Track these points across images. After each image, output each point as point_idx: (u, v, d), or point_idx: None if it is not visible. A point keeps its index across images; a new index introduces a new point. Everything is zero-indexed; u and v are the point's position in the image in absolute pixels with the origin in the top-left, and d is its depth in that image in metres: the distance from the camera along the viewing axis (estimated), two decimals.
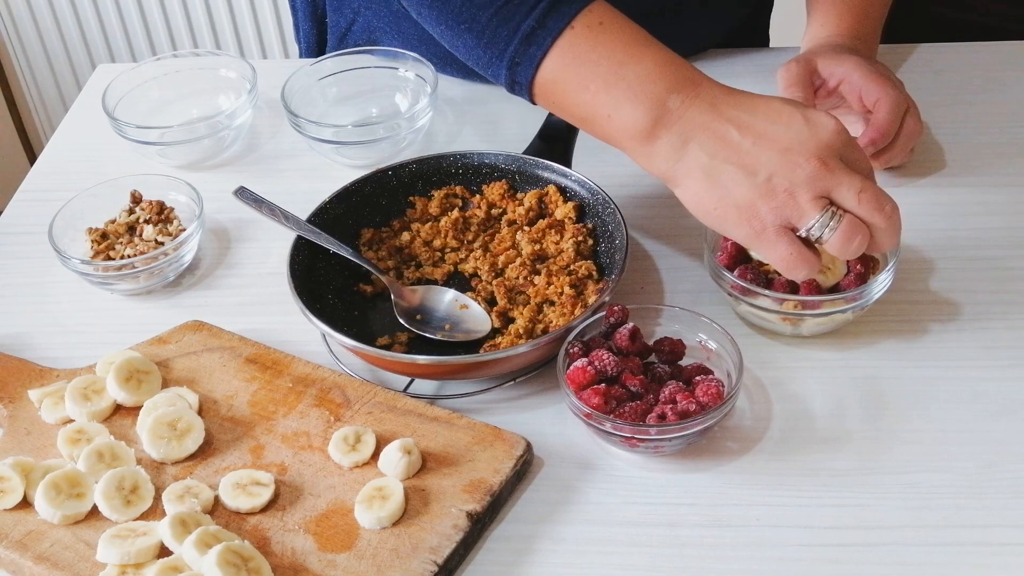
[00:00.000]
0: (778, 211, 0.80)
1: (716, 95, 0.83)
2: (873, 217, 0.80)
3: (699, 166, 0.81)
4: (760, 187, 0.80)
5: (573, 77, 0.85)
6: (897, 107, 0.98)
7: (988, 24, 1.40)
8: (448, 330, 0.91)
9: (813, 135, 0.80)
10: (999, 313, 0.90)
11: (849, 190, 0.79)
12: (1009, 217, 0.99)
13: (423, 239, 0.98)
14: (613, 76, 0.83)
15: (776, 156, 0.80)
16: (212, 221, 1.06)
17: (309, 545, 0.76)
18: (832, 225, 0.79)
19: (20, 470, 0.81)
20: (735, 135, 0.81)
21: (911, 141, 1.01)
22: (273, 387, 0.87)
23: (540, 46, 0.85)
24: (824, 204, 0.79)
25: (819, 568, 0.74)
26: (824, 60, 1.03)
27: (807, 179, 0.79)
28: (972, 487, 0.78)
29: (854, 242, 0.80)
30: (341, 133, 1.10)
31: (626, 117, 0.83)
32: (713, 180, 0.81)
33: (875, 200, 0.80)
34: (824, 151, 0.80)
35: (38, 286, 1.02)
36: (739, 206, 0.80)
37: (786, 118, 0.81)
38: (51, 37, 2.35)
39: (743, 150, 0.80)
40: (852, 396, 0.85)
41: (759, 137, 0.80)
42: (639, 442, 0.80)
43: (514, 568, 0.76)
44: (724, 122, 0.81)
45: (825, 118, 0.81)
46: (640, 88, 0.83)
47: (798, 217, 0.80)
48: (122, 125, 1.11)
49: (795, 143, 0.80)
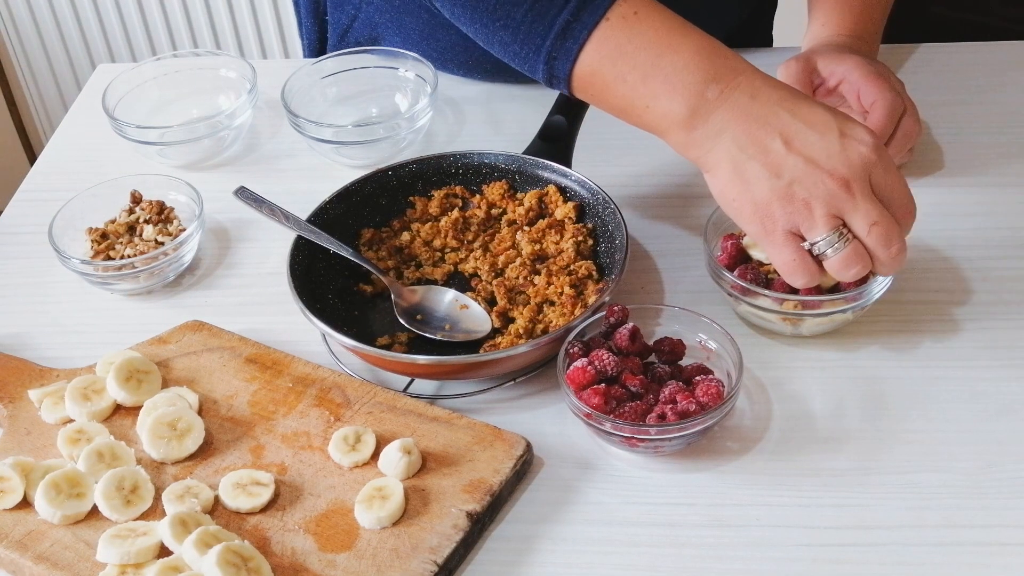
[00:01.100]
0: (791, 217, 0.80)
1: (756, 86, 0.83)
2: (878, 251, 0.80)
3: (728, 157, 0.82)
4: (780, 190, 0.80)
5: (610, 69, 0.85)
6: (893, 109, 0.98)
7: (988, 24, 1.40)
8: (448, 330, 0.91)
9: (844, 153, 0.79)
10: (999, 313, 0.90)
11: (864, 219, 0.79)
12: (1009, 217, 0.99)
13: (423, 239, 0.98)
14: (650, 67, 0.83)
15: (803, 165, 0.80)
16: (212, 221, 1.06)
17: (309, 545, 0.76)
18: (837, 246, 0.80)
19: (20, 470, 0.81)
20: (767, 134, 0.81)
21: (908, 142, 1.01)
22: (273, 387, 0.87)
23: (576, 40, 0.85)
24: (836, 224, 0.80)
25: (819, 568, 0.74)
26: (824, 59, 1.03)
27: (826, 195, 0.79)
28: (972, 487, 0.78)
29: (853, 269, 0.81)
30: (341, 133, 1.10)
31: (664, 108, 0.83)
32: (738, 173, 0.81)
33: (885, 236, 0.80)
34: (851, 172, 0.79)
35: (38, 286, 1.02)
36: (756, 203, 0.81)
37: (822, 127, 0.80)
38: (51, 37, 2.35)
39: (772, 150, 0.80)
40: (852, 396, 0.85)
41: (790, 141, 0.80)
42: (639, 442, 0.80)
43: (514, 568, 0.76)
44: (759, 119, 0.81)
45: (863, 134, 0.80)
46: (678, 79, 0.83)
47: (808, 228, 0.80)
48: (122, 125, 1.11)
49: (824, 157, 0.79)
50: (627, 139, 1.12)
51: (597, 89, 0.87)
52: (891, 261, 0.81)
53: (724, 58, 0.84)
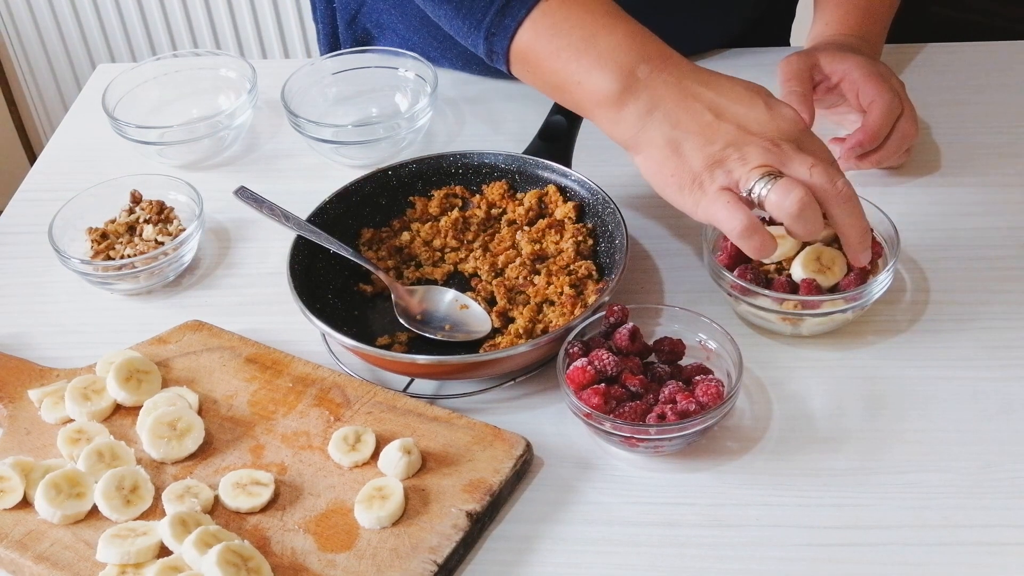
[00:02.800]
0: (728, 176, 0.82)
1: (684, 70, 0.86)
2: (825, 187, 0.80)
3: (662, 135, 0.84)
4: (715, 154, 0.82)
5: (546, 47, 0.88)
6: (890, 111, 0.98)
7: (988, 24, 1.40)
8: (448, 330, 0.90)
9: (772, 120, 0.83)
10: (999, 313, 0.90)
11: (802, 164, 0.81)
12: (1009, 217, 0.99)
13: (423, 239, 0.98)
14: (584, 45, 0.87)
15: (734, 130, 0.82)
16: (212, 221, 1.06)
17: (309, 545, 0.76)
18: (770, 181, 0.80)
19: (20, 470, 0.81)
20: (698, 108, 0.84)
21: (904, 143, 1.01)
22: (273, 387, 0.87)
23: (514, 17, 0.89)
24: (769, 170, 0.81)
25: (819, 568, 0.74)
26: (827, 56, 1.04)
27: (759, 152, 0.81)
28: (972, 487, 0.78)
29: (793, 197, 0.79)
30: (341, 133, 1.10)
31: (595, 84, 0.86)
32: (674, 149, 0.83)
33: (826, 173, 0.81)
34: (781, 136, 0.82)
35: (38, 286, 1.02)
36: (693, 172, 0.83)
37: (748, 100, 0.84)
38: (51, 37, 2.35)
39: (704, 122, 0.83)
40: (852, 396, 0.85)
41: (720, 113, 0.83)
42: (639, 442, 0.80)
43: (514, 568, 0.76)
44: (689, 95, 0.84)
45: (786, 108, 0.84)
46: (610, 57, 0.86)
47: (742, 178, 0.81)
48: (122, 125, 1.11)
49: (754, 124, 0.83)
50: None
51: (532, 65, 0.90)
52: (842, 198, 0.81)
53: (655, 43, 0.87)
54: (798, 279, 0.88)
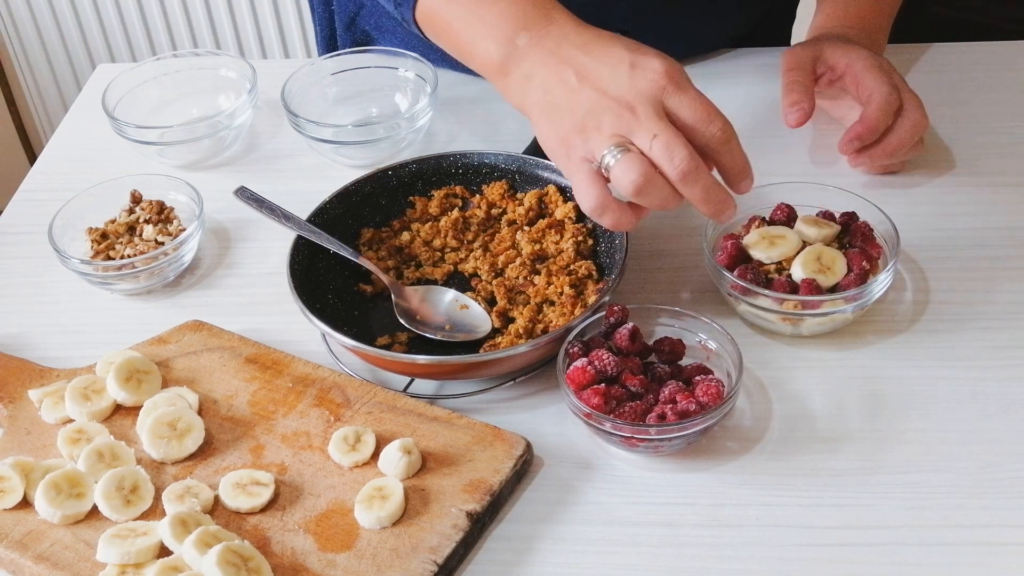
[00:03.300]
0: (584, 145, 0.82)
1: (565, 32, 0.87)
2: (663, 163, 0.79)
3: (537, 102, 0.86)
4: (576, 122, 0.82)
5: (442, 15, 0.93)
6: (888, 103, 0.98)
7: (988, 24, 1.40)
8: (448, 330, 0.90)
9: (631, 81, 0.82)
10: (999, 313, 0.90)
11: (646, 134, 0.80)
12: (1009, 217, 0.99)
13: (423, 239, 0.98)
14: (471, 15, 0.90)
15: (594, 95, 0.82)
16: (212, 221, 1.06)
17: (309, 545, 0.76)
18: (617, 156, 0.79)
19: (20, 470, 0.81)
20: (567, 74, 0.84)
21: (916, 133, 1.00)
22: (273, 387, 0.87)
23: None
24: (620, 141, 0.80)
25: (819, 568, 0.74)
26: (830, 48, 1.04)
27: (612, 119, 0.81)
28: (972, 487, 0.78)
29: (631, 176, 0.79)
30: (341, 133, 1.10)
31: (482, 53, 0.90)
32: (547, 115, 0.85)
33: (666, 147, 0.79)
34: (636, 97, 0.81)
35: (38, 286, 1.02)
36: (562, 139, 0.83)
37: (614, 61, 0.83)
38: (51, 37, 2.35)
39: (570, 88, 0.84)
40: (852, 396, 0.85)
41: (584, 78, 0.83)
42: (639, 442, 0.80)
43: (514, 568, 0.76)
44: (561, 61, 0.85)
45: (655, 63, 0.82)
46: (495, 25, 0.89)
47: (595, 148, 0.81)
48: (122, 125, 1.11)
49: (612, 86, 0.82)
50: None
51: (435, 33, 0.95)
52: (676, 173, 0.79)
53: (539, 8, 0.88)
54: (798, 279, 0.88)
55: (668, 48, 1.18)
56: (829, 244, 0.91)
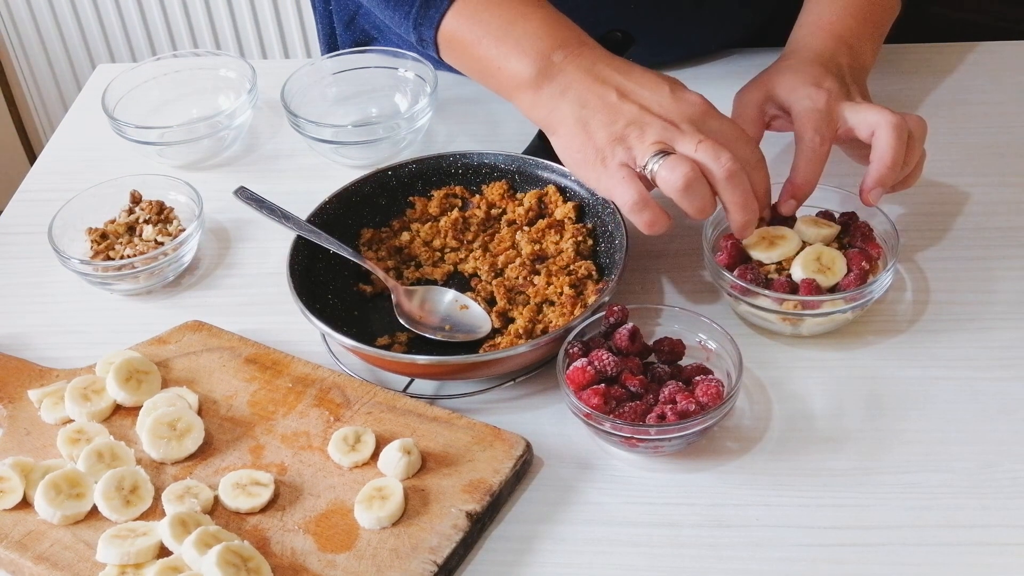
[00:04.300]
0: (626, 152, 0.86)
1: (598, 56, 0.91)
2: (707, 164, 0.84)
3: (572, 113, 0.89)
4: (617, 132, 0.87)
5: (468, 34, 0.95)
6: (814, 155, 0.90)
7: (988, 24, 1.40)
8: (448, 330, 0.90)
9: (674, 103, 0.87)
10: (999, 313, 0.90)
11: (691, 140, 0.85)
12: (1009, 217, 0.99)
13: (423, 239, 0.98)
14: (503, 32, 0.93)
15: (637, 110, 0.87)
16: (212, 221, 1.06)
17: (309, 545, 0.76)
18: (661, 157, 0.84)
19: (20, 470, 0.81)
20: (606, 90, 0.89)
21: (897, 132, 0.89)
22: (273, 387, 0.87)
23: (438, 8, 0.95)
24: (663, 147, 0.85)
25: (819, 568, 0.74)
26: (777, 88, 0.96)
27: (657, 130, 0.86)
28: (972, 487, 0.78)
29: (680, 171, 0.83)
30: (341, 133, 1.10)
31: (514, 68, 0.92)
32: (581, 126, 0.88)
33: (711, 150, 0.84)
34: (680, 117, 0.86)
35: (38, 286, 1.02)
36: (597, 148, 0.88)
37: (654, 85, 0.89)
38: (51, 37, 2.35)
39: (609, 102, 0.88)
40: (852, 396, 0.85)
41: (626, 95, 0.88)
42: (639, 442, 0.80)
43: (514, 568, 0.76)
44: (599, 79, 0.89)
45: (692, 96, 0.88)
46: (527, 43, 0.92)
47: (639, 155, 0.85)
48: (122, 125, 1.11)
49: (655, 105, 0.87)
50: None
51: (458, 52, 0.97)
52: (722, 172, 0.83)
53: (570, 30, 0.93)
54: (798, 279, 0.88)
55: (665, 53, 1.19)
56: (829, 244, 0.91)
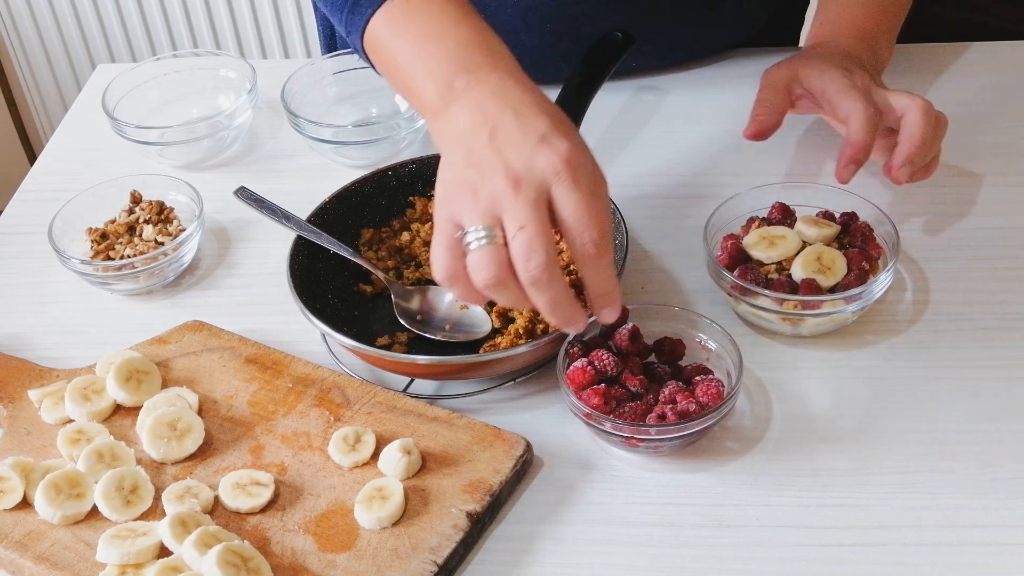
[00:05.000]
0: (457, 204, 0.77)
1: (505, 85, 0.80)
2: (517, 261, 0.74)
3: (446, 147, 0.81)
4: (461, 177, 0.77)
5: (387, 47, 0.88)
6: (867, 119, 0.95)
7: (988, 24, 1.40)
8: (448, 330, 0.90)
9: (531, 155, 0.76)
10: (999, 313, 0.90)
11: (514, 221, 0.74)
12: (1009, 217, 0.99)
13: (423, 239, 0.98)
14: (416, 51, 0.86)
15: (489, 157, 0.77)
16: (212, 221, 1.06)
17: (309, 545, 0.76)
18: (481, 242, 0.74)
19: (20, 470, 0.81)
20: (481, 127, 0.79)
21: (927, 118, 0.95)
22: (273, 387, 0.87)
23: (362, 15, 0.89)
24: (491, 221, 0.75)
25: (819, 568, 0.74)
26: (806, 70, 1.01)
27: (492, 189, 0.75)
28: (972, 487, 0.78)
29: (482, 272, 0.74)
30: (341, 133, 1.10)
31: (420, 92, 0.85)
32: (445, 160, 0.80)
33: (527, 246, 0.74)
34: (527, 174, 0.75)
35: (38, 286, 1.02)
36: (442, 188, 0.79)
37: (529, 129, 0.77)
38: (51, 37, 2.35)
39: (476, 141, 0.78)
40: (852, 396, 0.85)
41: (494, 135, 0.78)
42: (639, 442, 0.80)
43: (514, 568, 0.76)
44: (486, 112, 0.79)
45: (564, 145, 0.76)
46: (435, 65, 0.84)
47: (466, 217, 0.76)
48: (122, 125, 1.11)
49: (513, 154, 0.76)
50: (627, 139, 1.12)
51: (379, 64, 0.91)
52: (532, 280, 0.74)
53: (486, 54, 0.83)
54: (798, 279, 0.88)
55: (667, 56, 1.19)
56: (829, 244, 0.91)
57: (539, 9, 1.11)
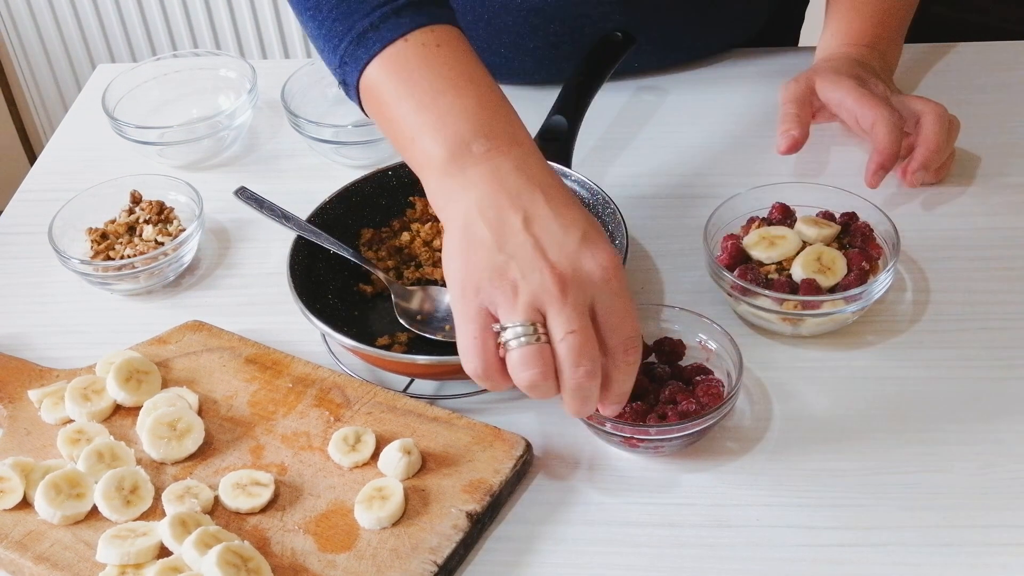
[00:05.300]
0: (494, 294, 0.72)
1: (528, 162, 0.76)
2: (565, 365, 0.71)
3: (464, 215, 0.74)
4: (496, 264, 0.72)
5: (392, 90, 0.79)
6: (893, 125, 0.97)
7: (988, 24, 1.40)
8: (448, 330, 0.90)
9: (577, 255, 0.72)
10: (999, 313, 0.90)
11: (565, 324, 0.71)
12: (1009, 217, 0.99)
13: (423, 239, 0.98)
14: (429, 100, 0.78)
15: (530, 248, 0.72)
16: (212, 221, 1.06)
17: (309, 545, 0.76)
18: (524, 340, 0.71)
19: (20, 470, 0.81)
20: (512, 207, 0.74)
21: (943, 125, 0.99)
22: (273, 387, 0.87)
23: (368, 50, 0.80)
24: (535, 318, 0.71)
25: (819, 568, 0.74)
26: (821, 83, 1.03)
27: (538, 286, 0.71)
28: (972, 487, 0.78)
29: (528, 371, 0.71)
30: (341, 133, 1.10)
31: (427, 145, 0.77)
32: (467, 233, 0.74)
33: (577, 349, 0.71)
34: (574, 276, 0.72)
35: (38, 286, 1.02)
36: (469, 268, 0.73)
37: (569, 224, 0.73)
38: (51, 37, 2.35)
39: (507, 224, 0.73)
40: (852, 396, 0.85)
41: (530, 222, 0.73)
42: (639, 442, 0.80)
43: (514, 568, 0.76)
44: (511, 190, 0.74)
45: (607, 251, 0.73)
46: (450, 120, 0.77)
47: (506, 311, 0.72)
48: (122, 125, 1.11)
49: (555, 249, 0.72)
50: (627, 139, 1.12)
51: (375, 106, 0.82)
52: (576, 386, 0.72)
53: (506, 122, 0.77)
54: (798, 279, 0.88)
55: (669, 56, 1.19)
56: (829, 244, 0.91)
57: (543, 10, 1.11)
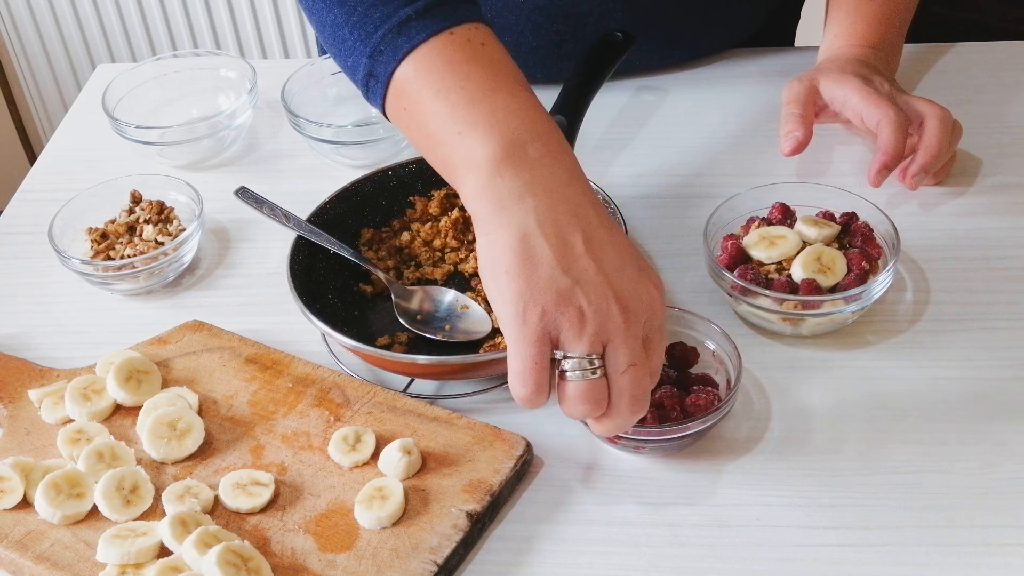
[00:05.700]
0: (559, 319, 0.69)
1: (575, 174, 0.74)
2: (622, 397, 0.70)
3: (522, 225, 0.70)
4: (562, 287, 0.69)
5: (435, 81, 0.75)
6: (898, 125, 0.98)
7: (988, 24, 1.40)
8: (448, 330, 0.90)
9: (636, 283, 0.71)
10: (999, 313, 0.90)
11: (627, 356, 0.70)
12: (1009, 217, 0.99)
13: (423, 239, 0.98)
14: (481, 96, 0.74)
15: (594, 273, 0.70)
16: (212, 221, 1.06)
17: (309, 545, 0.76)
18: (584, 373, 0.69)
19: (20, 470, 0.81)
20: (572, 225, 0.71)
21: (946, 127, 0.99)
22: (273, 387, 0.87)
23: (410, 39, 0.75)
24: (597, 349, 0.70)
25: (819, 568, 0.74)
26: (826, 82, 1.04)
27: (604, 314, 0.69)
28: (972, 487, 0.78)
29: (583, 405, 0.70)
30: (341, 133, 1.10)
31: (478, 141, 0.72)
32: (526, 248, 0.70)
33: (636, 384, 0.70)
34: (635, 305, 0.70)
35: (38, 286, 1.02)
36: (532, 287, 0.69)
37: (623, 251, 0.72)
38: (51, 37, 2.35)
39: (570, 244, 0.70)
40: (852, 396, 0.85)
41: (591, 246, 0.71)
42: (639, 443, 0.79)
43: (514, 568, 0.76)
44: (570, 205, 0.71)
45: (657, 280, 0.73)
46: (505, 118, 0.73)
47: (570, 339, 0.69)
48: (122, 125, 1.11)
49: (617, 276, 0.71)
50: (627, 139, 1.12)
51: (412, 100, 0.76)
52: (626, 421, 0.71)
53: (554, 128, 0.75)
54: (798, 279, 0.88)
55: (669, 55, 1.19)
56: (829, 244, 0.91)
57: (545, 8, 1.11)
